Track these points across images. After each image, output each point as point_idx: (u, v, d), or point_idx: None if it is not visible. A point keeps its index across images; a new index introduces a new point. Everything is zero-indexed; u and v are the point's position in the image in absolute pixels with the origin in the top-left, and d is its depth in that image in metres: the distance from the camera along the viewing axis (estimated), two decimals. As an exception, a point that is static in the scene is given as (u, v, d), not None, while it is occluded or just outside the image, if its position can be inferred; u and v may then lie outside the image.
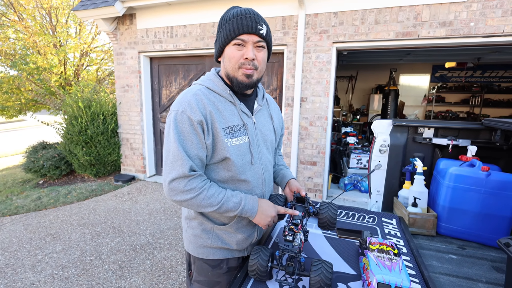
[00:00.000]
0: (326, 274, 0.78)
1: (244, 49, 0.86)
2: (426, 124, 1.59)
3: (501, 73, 6.77)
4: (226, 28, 0.86)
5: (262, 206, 0.95)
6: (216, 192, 0.89)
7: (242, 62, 0.87)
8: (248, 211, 0.92)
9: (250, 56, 0.86)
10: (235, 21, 0.85)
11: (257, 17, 0.86)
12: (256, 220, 0.94)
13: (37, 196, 3.95)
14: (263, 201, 0.97)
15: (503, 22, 2.71)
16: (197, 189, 0.86)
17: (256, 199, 0.95)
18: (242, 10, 0.87)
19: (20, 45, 6.98)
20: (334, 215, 0.98)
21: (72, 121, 4.39)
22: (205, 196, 0.87)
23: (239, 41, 0.85)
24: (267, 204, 0.96)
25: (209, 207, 0.88)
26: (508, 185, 1.17)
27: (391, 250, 0.91)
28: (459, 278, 1.02)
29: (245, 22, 0.84)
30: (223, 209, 0.89)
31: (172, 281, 2.19)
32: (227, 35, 0.86)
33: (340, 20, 3.25)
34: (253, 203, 0.93)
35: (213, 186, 0.91)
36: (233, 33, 0.85)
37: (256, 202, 0.94)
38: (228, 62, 0.89)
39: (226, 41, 0.87)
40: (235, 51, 0.87)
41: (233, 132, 0.91)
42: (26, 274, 2.26)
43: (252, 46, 0.86)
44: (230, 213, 0.91)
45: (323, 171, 3.60)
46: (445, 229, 1.32)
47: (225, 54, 0.90)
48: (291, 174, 1.19)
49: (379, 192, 1.68)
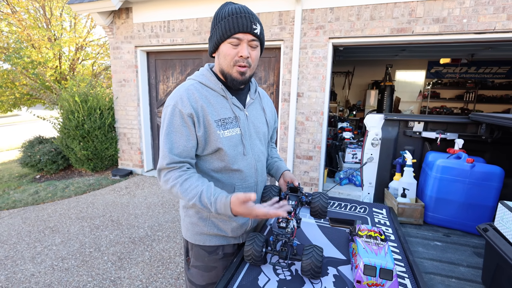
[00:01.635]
0: (317, 257, 0.83)
1: (239, 47, 0.90)
2: (416, 118, 1.65)
3: (495, 69, 6.87)
4: (221, 26, 0.89)
5: (236, 210, 0.85)
6: (191, 186, 0.88)
7: (237, 59, 0.91)
8: (223, 215, 0.92)
9: (245, 54, 0.89)
10: (230, 19, 0.87)
11: (251, 16, 0.89)
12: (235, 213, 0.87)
13: (35, 191, 3.97)
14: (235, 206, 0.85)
15: (494, 19, 2.76)
16: (172, 179, 0.91)
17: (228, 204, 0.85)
18: (237, 8, 0.89)
19: (13, 38, 6.88)
20: (326, 204, 1.03)
21: (68, 115, 4.39)
22: (178, 189, 0.90)
23: (234, 39, 0.89)
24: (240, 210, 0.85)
25: (188, 201, 0.89)
26: (490, 176, 1.24)
27: (378, 236, 0.96)
28: (442, 262, 1.09)
29: (241, 21, 0.87)
30: (198, 207, 0.89)
31: (170, 271, 2.24)
32: (223, 33, 0.89)
33: (336, 15, 3.28)
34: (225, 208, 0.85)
35: (189, 180, 0.89)
36: (228, 31, 0.88)
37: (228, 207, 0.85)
38: (223, 59, 0.93)
39: (221, 39, 0.90)
40: (230, 49, 0.90)
41: (225, 124, 0.96)
42: (26, 266, 2.30)
43: (246, 44, 0.90)
44: (208, 211, 0.89)
45: (319, 165, 3.66)
46: (432, 218, 1.39)
47: (220, 51, 0.93)
48: (285, 166, 1.24)
49: (371, 184, 1.74)
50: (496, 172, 1.24)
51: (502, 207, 0.90)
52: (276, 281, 0.86)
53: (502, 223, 0.90)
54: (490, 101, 6.90)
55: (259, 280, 0.86)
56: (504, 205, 0.90)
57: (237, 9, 0.89)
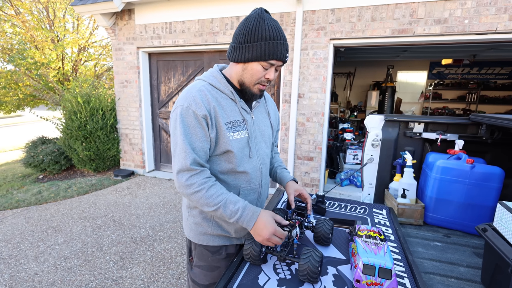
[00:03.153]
0: (314, 262, 0.82)
1: (268, 70, 0.93)
2: (416, 119, 1.66)
3: (497, 70, 6.84)
4: (261, 47, 0.88)
5: (259, 223, 0.89)
6: (215, 193, 0.90)
7: (263, 80, 0.94)
8: (244, 223, 0.90)
9: (272, 78, 0.93)
10: (271, 44, 0.88)
11: (287, 44, 0.92)
12: (252, 233, 0.91)
13: (38, 191, 4.00)
14: (264, 217, 0.90)
15: (496, 19, 2.76)
16: (197, 185, 0.90)
17: (257, 213, 0.90)
18: (278, 33, 0.88)
19: (17, 39, 6.95)
20: (329, 231, 1.02)
21: (71, 116, 4.42)
22: (203, 195, 0.90)
23: (268, 64, 0.91)
24: (265, 221, 0.89)
25: (206, 207, 0.91)
26: (490, 177, 1.24)
27: (377, 236, 0.97)
28: (441, 262, 1.09)
29: (280, 49, 0.89)
30: (219, 213, 0.90)
31: (172, 271, 2.26)
32: (260, 55, 0.89)
33: (337, 17, 3.29)
34: (252, 216, 0.90)
35: (214, 187, 0.92)
36: (267, 56, 0.88)
37: (255, 216, 0.90)
38: (250, 76, 0.94)
39: (256, 59, 0.90)
40: (260, 71, 0.92)
41: (235, 126, 0.97)
42: (30, 265, 2.32)
43: (275, 68, 0.93)
44: (226, 219, 0.91)
45: (319, 166, 3.67)
46: (432, 218, 1.39)
47: (249, 67, 0.93)
48: (290, 175, 1.24)
49: (371, 185, 1.75)
50: (496, 172, 1.25)
51: (501, 208, 0.91)
52: (276, 280, 0.87)
53: (501, 223, 0.90)
54: (493, 102, 6.87)
55: (259, 279, 0.87)
56: (503, 206, 0.90)
57: (277, 34, 0.88)
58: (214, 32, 3.88)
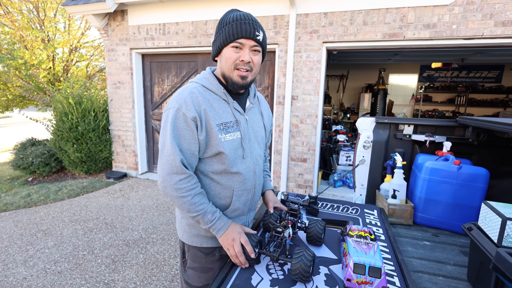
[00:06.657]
0: (306, 262, 0.83)
1: (241, 52, 0.93)
2: (406, 122, 1.70)
3: (485, 74, 7.04)
4: (225, 31, 0.92)
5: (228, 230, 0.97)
6: (199, 201, 0.95)
7: (238, 63, 0.94)
8: (215, 230, 0.97)
9: (246, 58, 0.92)
10: (234, 25, 0.91)
11: (255, 23, 0.93)
12: (220, 240, 0.98)
13: (27, 193, 3.91)
14: (233, 228, 0.98)
15: (482, 25, 2.85)
16: (185, 191, 0.93)
17: (227, 225, 0.97)
18: (242, 15, 0.92)
19: (6, 39, 6.80)
20: (321, 231, 1.04)
21: (62, 117, 4.35)
22: (187, 201, 0.94)
23: (237, 44, 0.92)
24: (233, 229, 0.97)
25: (187, 212, 0.96)
26: (477, 178, 1.28)
27: (368, 236, 0.99)
28: (430, 261, 1.12)
29: (244, 27, 0.90)
30: (196, 219, 0.97)
31: (165, 273, 2.24)
32: (226, 38, 0.92)
33: (330, 20, 3.34)
34: (223, 226, 0.97)
35: (199, 195, 0.96)
36: (232, 36, 0.91)
37: (226, 227, 0.97)
38: (225, 63, 0.95)
39: (224, 43, 0.93)
40: (232, 53, 0.93)
41: (227, 128, 0.98)
42: (18, 269, 2.27)
43: (248, 49, 0.93)
44: (201, 225, 0.98)
45: (313, 167, 3.70)
46: (421, 218, 1.43)
47: (223, 55, 0.96)
48: (270, 184, 1.28)
49: (363, 186, 1.78)
50: (482, 173, 1.29)
51: (485, 207, 0.94)
52: (269, 280, 0.88)
53: (485, 222, 0.94)
54: (481, 104, 7.06)
55: (252, 279, 0.88)
56: (487, 205, 0.93)
57: (241, 16, 0.92)
58: (208, 34, 3.89)
